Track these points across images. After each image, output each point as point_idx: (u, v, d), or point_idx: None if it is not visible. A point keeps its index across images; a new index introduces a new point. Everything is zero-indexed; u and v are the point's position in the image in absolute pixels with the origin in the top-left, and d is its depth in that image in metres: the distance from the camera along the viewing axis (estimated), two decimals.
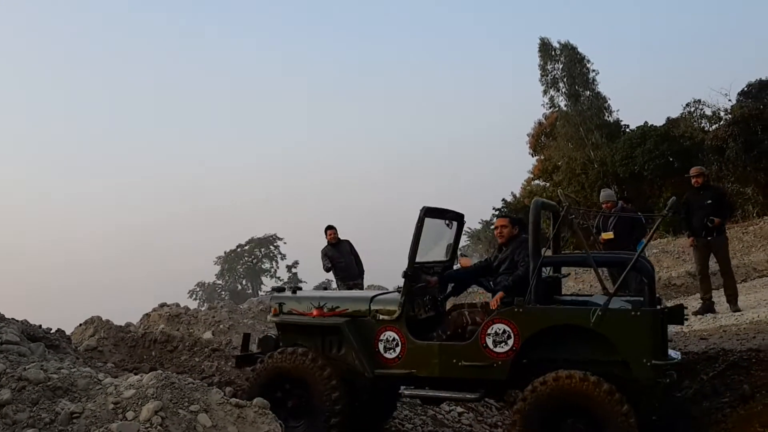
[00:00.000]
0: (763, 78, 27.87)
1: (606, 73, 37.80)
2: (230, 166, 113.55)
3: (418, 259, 6.04)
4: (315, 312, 6.24)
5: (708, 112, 28.39)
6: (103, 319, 8.88)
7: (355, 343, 5.95)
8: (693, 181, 9.86)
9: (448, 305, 6.85)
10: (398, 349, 5.82)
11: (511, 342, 5.39)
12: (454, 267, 6.91)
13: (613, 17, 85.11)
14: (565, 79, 33.49)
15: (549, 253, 5.77)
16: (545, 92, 34.45)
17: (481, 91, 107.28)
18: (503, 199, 36.73)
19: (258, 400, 4.71)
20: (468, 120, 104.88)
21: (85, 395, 4.74)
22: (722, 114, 27.43)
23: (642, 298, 5.35)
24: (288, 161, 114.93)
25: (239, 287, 74.50)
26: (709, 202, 9.68)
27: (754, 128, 24.34)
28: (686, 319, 6.83)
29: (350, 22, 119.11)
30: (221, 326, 9.43)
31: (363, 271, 12.09)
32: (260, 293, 65.53)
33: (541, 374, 5.25)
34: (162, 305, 10.35)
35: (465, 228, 6.89)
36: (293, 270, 74.48)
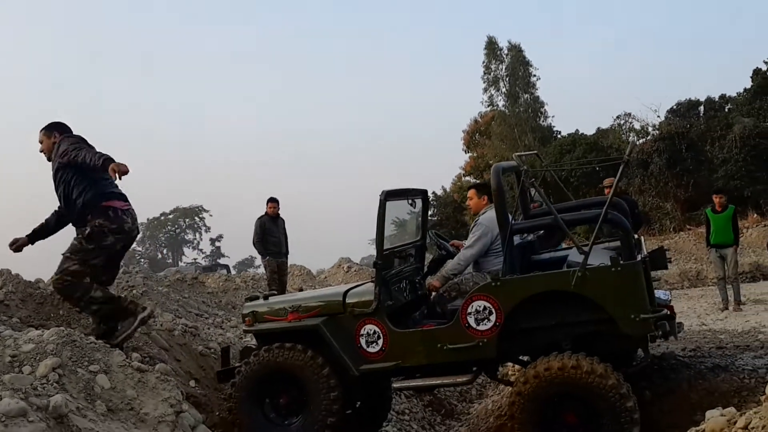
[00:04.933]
0: (692, 98, 29.00)
1: (543, 78, 38.37)
2: (163, 134, 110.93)
3: (387, 246, 5.78)
4: (290, 316, 5.92)
5: (637, 125, 29.20)
6: (13, 272, 8.51)
7: (336, 342, 5.62)
8: (606, 191, 10.25)
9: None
10: (381, 342, 5.53)
11: (493, 318, 5.18)
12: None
13: (553, 22, 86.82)
14: (506, 79, 33.89)
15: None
16: (485, 90, 34.83)
17: (418, 84, 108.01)
18: (433, 192, 37.00)
19: (160, 366, 4.61)
20: (403, 112, 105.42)
21: None
22: (650, 129, 28.26)
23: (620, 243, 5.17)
24: (222, 136, 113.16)
25: (159, 256, 73.02)
26: None
27: (679, 146, 25.17)
28: (669, 262, 6.70)
29: (292, 10, 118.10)
30: (134, 291, 9.20)
31: (288, 251, 11.99)
32: (180, 264, 64.34)
33: (531, 344, 5.23)
34: None
35: (395, 218, 6.61)
36: (216, 243, 73.59)
